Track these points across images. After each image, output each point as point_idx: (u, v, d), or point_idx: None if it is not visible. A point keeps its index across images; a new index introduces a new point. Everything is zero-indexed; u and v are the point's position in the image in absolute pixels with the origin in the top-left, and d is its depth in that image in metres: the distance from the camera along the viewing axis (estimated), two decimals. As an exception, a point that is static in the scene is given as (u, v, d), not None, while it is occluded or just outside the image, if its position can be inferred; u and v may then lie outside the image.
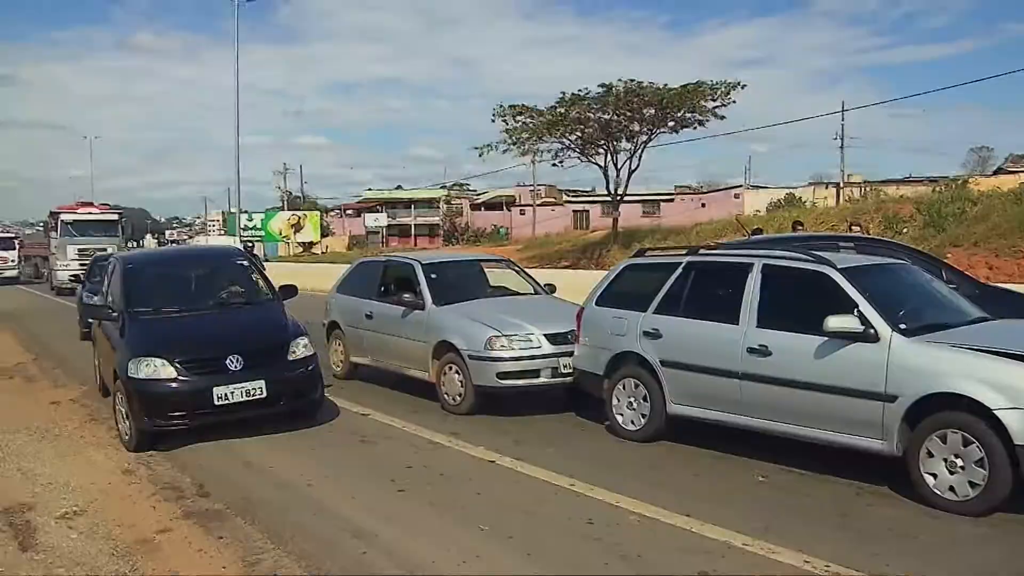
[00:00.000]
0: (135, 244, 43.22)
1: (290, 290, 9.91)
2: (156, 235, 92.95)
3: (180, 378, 7.87)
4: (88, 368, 12.88)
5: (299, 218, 71.39)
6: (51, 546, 5.51)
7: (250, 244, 18.99)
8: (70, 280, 27.20)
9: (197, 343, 8.30)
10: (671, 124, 36.74)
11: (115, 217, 37.69)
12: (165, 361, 7.87)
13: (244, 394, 7.91)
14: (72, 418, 9.48)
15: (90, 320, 15.67)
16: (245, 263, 10.34)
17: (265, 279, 9.95)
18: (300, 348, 8.50)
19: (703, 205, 59.54)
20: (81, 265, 30.27)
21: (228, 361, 7.98)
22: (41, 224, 52.78)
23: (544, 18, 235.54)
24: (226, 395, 7.85)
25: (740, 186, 64.64)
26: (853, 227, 18.26)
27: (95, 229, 35.51)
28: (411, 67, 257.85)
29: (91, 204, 39.51)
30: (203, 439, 7.96)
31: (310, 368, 8.53)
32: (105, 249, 30.49)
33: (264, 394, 8.00)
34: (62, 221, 35.58)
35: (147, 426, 7.80)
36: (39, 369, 13.60)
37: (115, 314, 8.75)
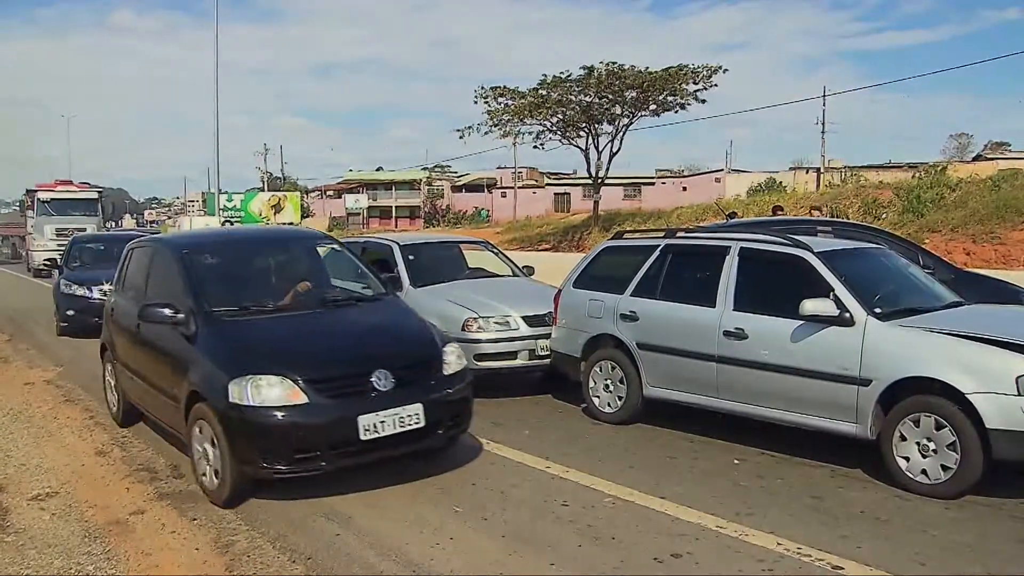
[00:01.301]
0: (114, 224, 42.77)
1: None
2: (135, 215, 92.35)
3: (313, 403, 5.65)
4: (64, 349, 12.80)
5: (279, 199, 70.78)
6: (23, 527, 5.47)
7: (230, 223, 18.72)
8: (44, 264, 25.60)
9: (326, 354, 6.19)
10: (653, 107, 36.70)
11: (94, 196, 36.65)
12: (288, 380, 5.66)
13: (397, 423, 5.82)
14: (46, 399, 9.41)
15: (69, 313, 14.59)
16: (336, 247, 8.34)
17: (368, 267, 7.93)
18: (453, 358, 6.48)
19: (684, 189, 59.65)
20: (59, 246, 29.39)
21: (375, 378, 5.87)
22: (17, 203, 52.04)
23: (527, 0, 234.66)
24: (375, 426, 5.72)
25: (721, 170, 64.70)
26: (813, 211, 18.39)
27: (74, 208, 34.59)
28: (392, 48, 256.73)
29: (70, 182, 38.22)
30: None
31: (468, 384, 6.54)
32: (84, 229, 30.02)
33: (421, 422, 5.93)
34: (39, 200, 34.78)
35: (261, 471, 5.64)
36: (13, 350, 13.48)
37: (181, 315, 6.38)
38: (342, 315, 6.94)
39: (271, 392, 5.63)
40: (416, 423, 5.92)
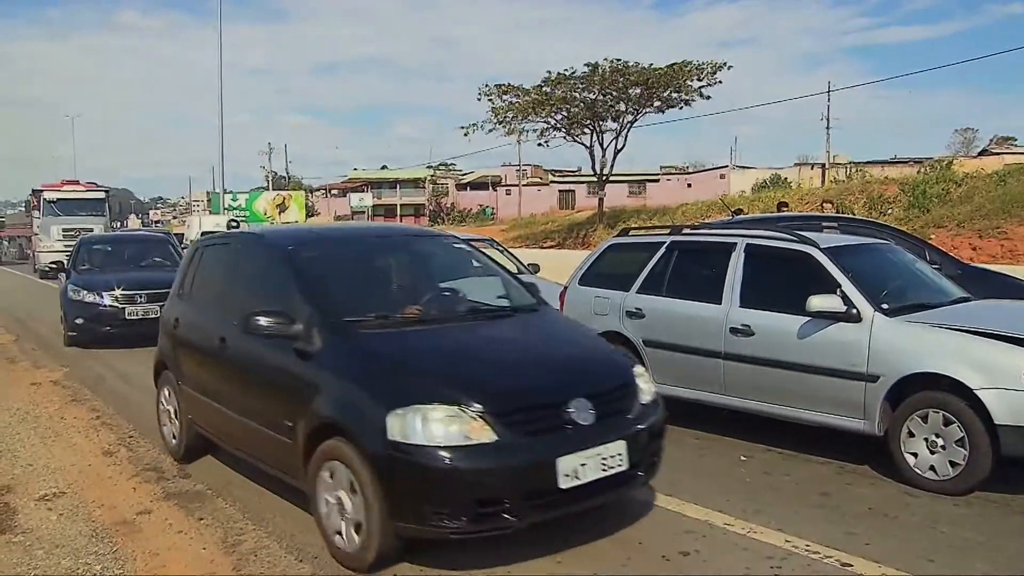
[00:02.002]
0: (119, 224, 42.75)
1: None
2: (140, 215, 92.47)
3: (503, 441, 4.37)
4: (70, 349, 12.79)
5: (284, 198, 70.88)
6: (30, 528, 5.47)
7: (235, 223, 18.50)
8: (50, 267, 23.45)
9: (511, 378, 4.84)
10: (657, 104, 36.71)
11: (101, 195, 36.05)
12: (468, 410, 4.39)
13: (599, 466, 4.58)
14: (53, 400, 9.41)
15: (78, 321, 13.22)
16: (464, 247, 6.94)
17: (508, 271, 6.87)
18: (646, 383, 5.23)
19: (689, 185, 59.58)
20: (66, 247, 28.80)
21: (572, 409, 4.60)
22: (23, 204, 52.02)
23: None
24: (576, 470, 4.47)
25: (726, 166, 64.62)
26: (825, 204, 18.34)
27: (80, 208, 34.09)
28: (396, 47, 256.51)
29: (76, 182, 37.70)
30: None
31: (664, 414, 5.27)
32: (91, 229, 29.67)
33: (624, 464, 4.70)
34: (45, 200, 34.30)
35: (429, 529, 4.41)
36: (20, 350, 13.50)
37: (298, 326, 5.09)
38: (504, 329, 5.68)
39: (448, 427, 4.34)
40: (619, 465, 4.66)
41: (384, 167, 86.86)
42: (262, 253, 6.24)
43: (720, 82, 35.49)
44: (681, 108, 37.07)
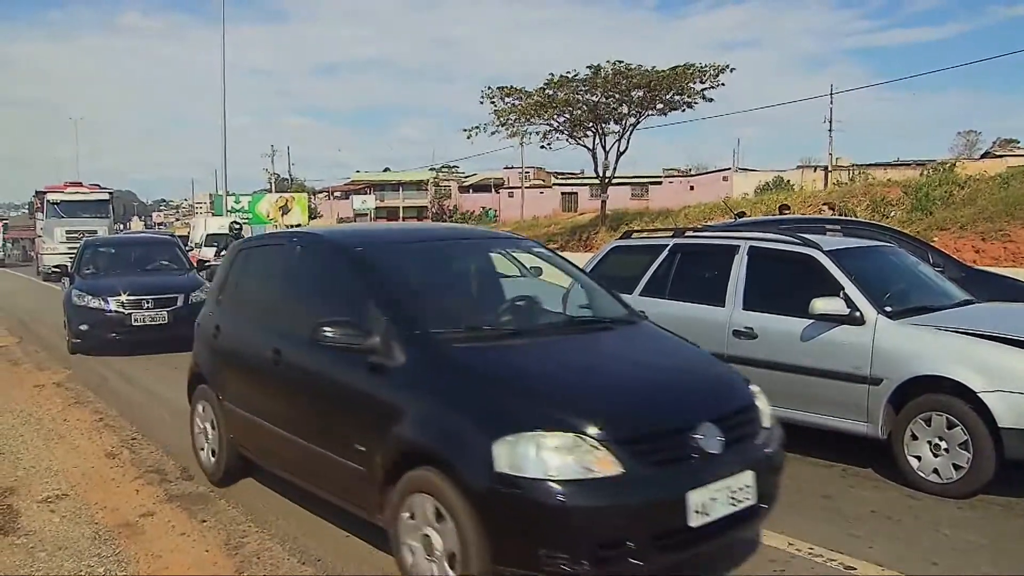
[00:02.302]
0: (122, 227, 42.75)
1: None
2: (143, 217, 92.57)
3: (629, 473, 3.81)
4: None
5: (287, 200, 70.96)
6: (33, 530, 5.47)
7: (238, 225, 18.30)
8: (53, 270, 22.79)
9: (630, 400, 4.24)
10: (659, 106, 36.69)
11: (105, 197, 35.52)
12: (588, 437, 3.82)
13: (728, 500, 4.02)
14: (56, 401, 9.41)
15: (82, 328, 12.62)
16: (542, 250, 6.58)
17: (598, 280, 6.27)
18: (764, 404, 4.61)
19: (692, 188, 59.54)
20: (69, 249, 28.22)
21: (700, 436, 4.03)
22: (26, 205, 51.90)
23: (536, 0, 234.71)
24: (704, 505, 3.92)
25: (729, 169, 64.61)
26: (824, 206, 18.34)
27: (84, 210, 33.65)
28: (397, 47, 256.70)
29: (79, 184, 37.20)
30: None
31: (783, 440, 4.64)
32: (95, 231, 29.01)
33: (752, 497, 4.14)
34: (49, 201, 33.84)
35: (545, 572, 3.77)
36: (23, 352, 13.51)
37: (375, 339, 4.50)
38: (608, 343, 5.05)
39: (566, 457, 3.75)
40: (747, 499, 4.08)
41: (387, 169, 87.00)
42: (326, 256, 5.57)
43: (723, 84, 35.48)
44: (684, 110, 37.06)
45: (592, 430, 3.81)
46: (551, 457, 3.74)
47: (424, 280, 5.43)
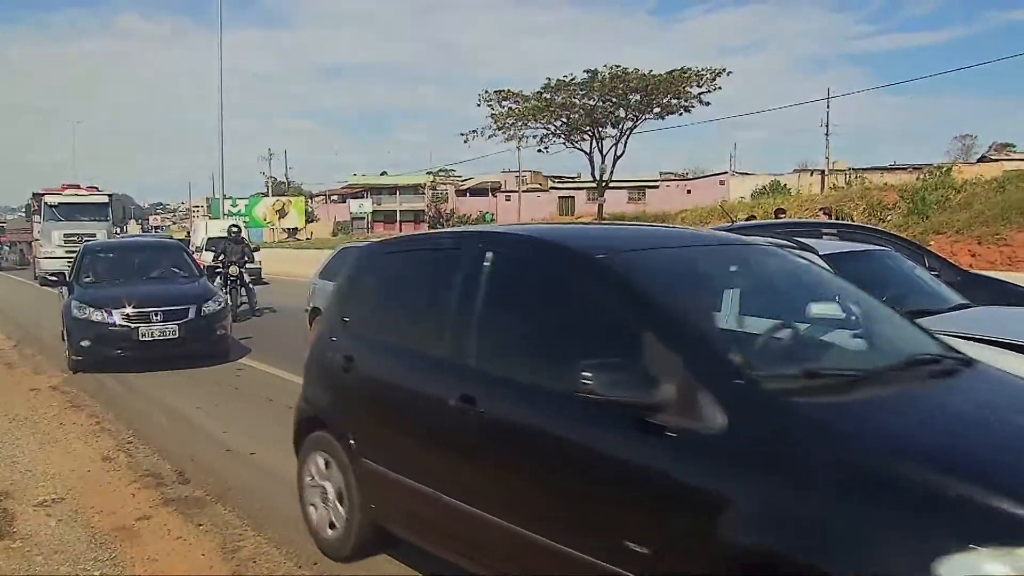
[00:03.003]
0: (119, 230, 42.50)
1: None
2: (140, 221, 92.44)
3: None
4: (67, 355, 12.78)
5: (284, 204, 71.12)
6: (29, 534, 5.46)
7: (236, 227, 17.75)
8: (50, 277, 19.51)
9: None
10: (656, 110, 36.84)
11: (104, 199, 34.23)
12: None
13: None
14: (52, 405, 9.41)
15: (84, 344, 11.30)
16: (822, 265, 5.49)
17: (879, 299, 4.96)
18: None
19: (688, 192, 59.64)
20: (67, 252, 27.34)
21: None
22: (23, 208, 51.57)
23: (534, 4, 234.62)
24: None
25: (726, 173, 64.70)
26: (820, 212, 18.41)
27: (82, 212, 32.49)
28: (397, 51, 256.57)
29: (77, 186, 36.03)
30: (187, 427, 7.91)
31: None
32: (93, 235, 28.45)
33: None
34: (46, 204, 32.64)
35: None
36: (19, 356, 13.49)
37: (666, 390, 3.11)
38: (975, 395, 3.61)
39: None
40: None
41: (384, 173, 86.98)
42: (549, 265, 4.07)
43: (720, 88, 35.77)
44: (681, 114, 37.25)
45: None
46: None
47: (704, 303, 4.14)
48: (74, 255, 23.36)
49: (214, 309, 11.97)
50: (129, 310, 11.41)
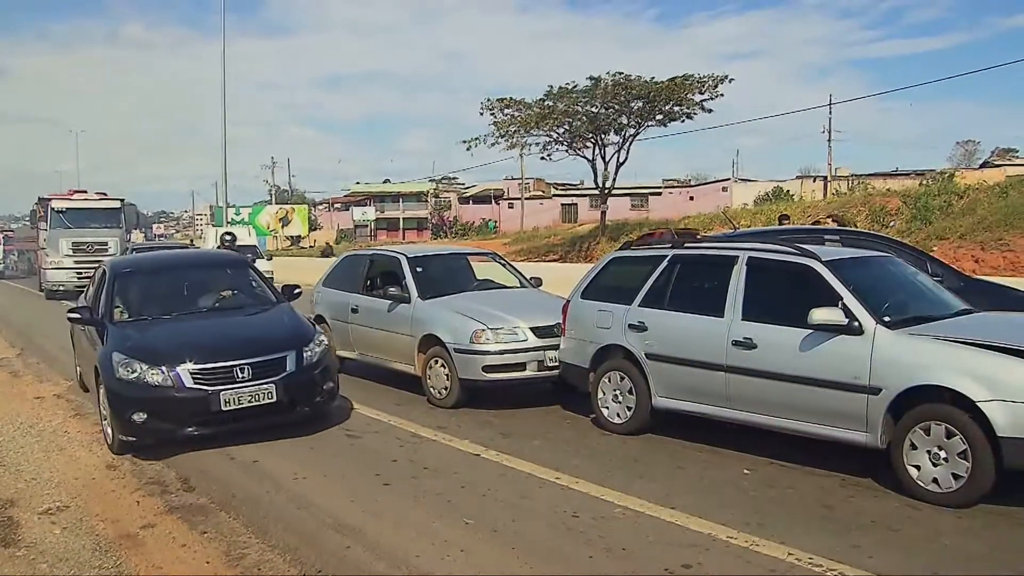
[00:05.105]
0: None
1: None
2: (143, 229, 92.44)
3: None
4: (73, 362, 12.80)
5: (287, 212, 71.20)
6: (34, 542, 5.48)
7: (230, 236, 16.77)
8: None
9: None
10: (659, 117, 36.77)
11: (116, 204, 30.74)
12: None
13: None
14: (57, 413, 9.43)
15: (137, 418, 7.34)
16: None
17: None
18: None
19: (691, 198, 59.73)
20: (76, 263, 26.67)
21: None
22: (27, 218, 50.88)
23: (536, 11, 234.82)
24: None
25: (728, 179, 64.73)
26: (829, 218, 18.40)
27: (92, 219, 29.31)
28: (401, 60, 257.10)
29: (85, 191, 32.46)
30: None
31: None
32: (105, 244, 27.56)
33: None
34: (53, 209, 29.58)
35: None
36: (24, 364, 13.52)
37: None
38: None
39: None
40: None
41: (387, 181, 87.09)
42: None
43: (722, 95, 35.56)
44: (683, 121, 37.15)
45: None
46: None
47: None
48: (83, 266, 21.80)
49: (318, 353, 8.25)
50: (202, 365, 7.66)
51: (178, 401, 7.56)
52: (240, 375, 7.66)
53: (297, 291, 9.62)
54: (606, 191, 39.43)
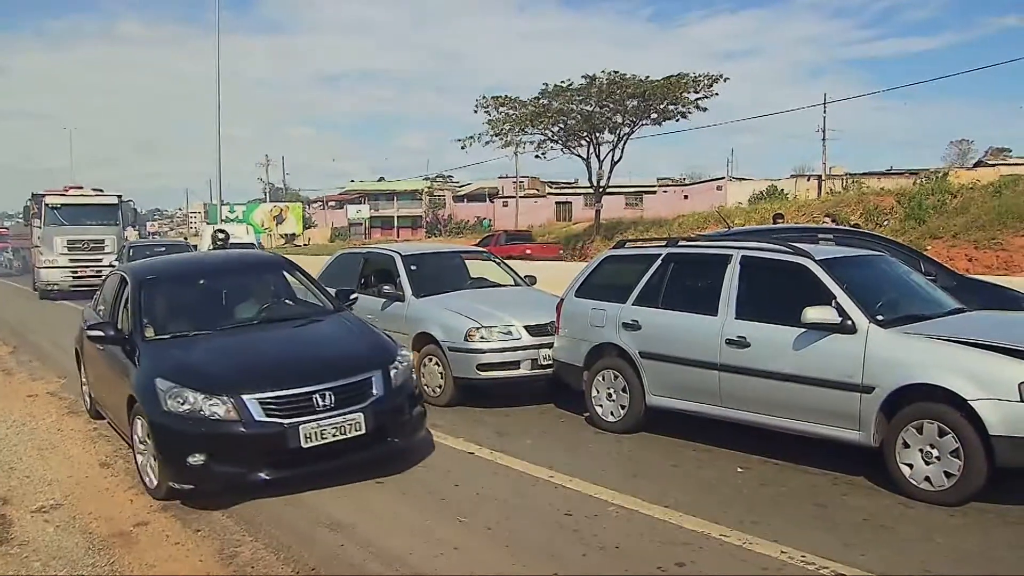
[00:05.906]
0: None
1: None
2: (137, 227, 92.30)
3: None
4: (67, 360, 12.79)
5: (281, 209, 71.16)
6: (27, 540, 5.47)
7: (223, 233, 16.17)
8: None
9: None
10: (654, 116, 36.87)
11: (113, 200, 29.70)
12: None
13: None
14: (50, 411, 9.41)
15: (194, 460, 5.86)
16: None
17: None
18: None
19: (686, 197, 59.66)
20: (71, 262, 26.46)
21: None
22: (20, 215, 50.40)
23: (533, 10, 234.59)
24: None
25: (723, 178, 64.73)
26: (826, 218, 18.46)
27: (88, 216, 28.49)
28: (397, 59, 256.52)
29: (81, 187, 31.67)
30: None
31: None
32: (102, 241, 27.26)
33: None
34: (47, 206, 28.47)
35: None
36: (16, 362, 13.48)
37: None
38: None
39: None
40: None
41: (381, 179, 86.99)
42: None
43: (717, 94, 35.80)
44: (678, 120, 37.26)
45: None
46: None
47: None
48: (78, 265, 22.38)
49: (405, 371, 6.95)
50: (271, 392, 6.19)
51: (248, 439, 6.08)
52: (320, 403, 6.21)
53: (353, 296, 8.39)
54: (601, 190, 39.50)
